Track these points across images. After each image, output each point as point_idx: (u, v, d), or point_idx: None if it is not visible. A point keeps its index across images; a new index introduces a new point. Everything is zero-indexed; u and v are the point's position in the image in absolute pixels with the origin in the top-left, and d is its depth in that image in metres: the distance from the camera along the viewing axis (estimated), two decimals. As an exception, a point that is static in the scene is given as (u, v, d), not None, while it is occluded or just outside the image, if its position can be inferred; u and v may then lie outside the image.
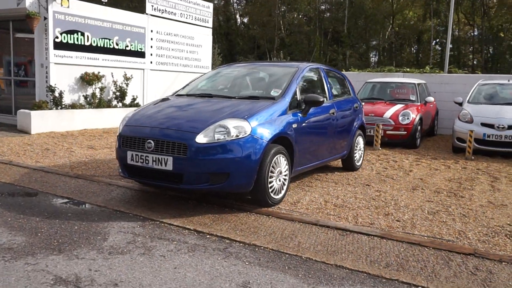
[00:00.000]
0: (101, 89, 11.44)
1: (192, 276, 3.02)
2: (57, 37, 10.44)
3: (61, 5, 10.41)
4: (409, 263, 3.37)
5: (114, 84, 11.84)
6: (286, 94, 5.05)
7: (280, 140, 4.72)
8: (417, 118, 9.55)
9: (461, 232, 4.11)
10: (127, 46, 12.27)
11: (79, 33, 10.94)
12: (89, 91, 11.32)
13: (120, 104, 12.00)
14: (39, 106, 9.94)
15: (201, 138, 4.20)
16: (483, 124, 8.65)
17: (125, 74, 12.02)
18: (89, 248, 3.46)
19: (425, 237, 3.93)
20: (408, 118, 9.42)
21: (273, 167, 4.57)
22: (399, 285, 3.02)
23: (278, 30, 40.02)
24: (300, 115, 5.12)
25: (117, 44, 11.95)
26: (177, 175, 4.25)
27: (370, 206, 4.88)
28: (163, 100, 5.42)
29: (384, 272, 3.20)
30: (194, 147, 4.16)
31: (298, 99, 5.18)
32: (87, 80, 11.06)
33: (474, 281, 3.10)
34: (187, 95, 5.51)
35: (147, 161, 4.33)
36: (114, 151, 7.86)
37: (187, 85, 5.93)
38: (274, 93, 5.15)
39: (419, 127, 9.68)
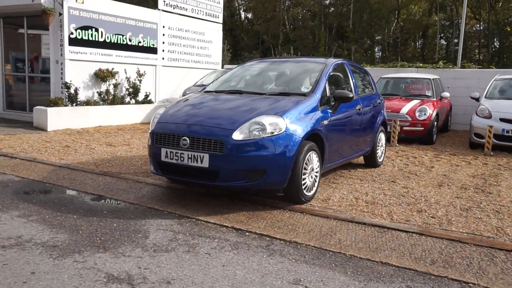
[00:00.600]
0: (115, 85, 11.44)
1: (242, 274, 3.03)
2: (72, 33, 10.43)
3: (76, 1, 10.38)
4: (453, 260, 3.37)
5: (127, 81, 11.83)
6: (317, 90, 5.03)
7: (312, 136, 4.71)
8: (434, 114, 9.52)
9: (499, 228, 4.10)
10: (140, 42, 12.26)
11: (93, 29, 10.93)
12: (103, 87, 11.32)
13: (133, 100, 12.00)
14: (55, 103, 9.94)
15: (237, 135, 4.20)
16: (502, 120, 8.61)
17: (138, 71, 12.01)
18: (132, 245, 3.47)
19: (465, 234, 3.92)
20: (425, 114, 9.39)
21: (306, 163, 4.56)
22: (449, 282, 3.02)
23: (282, 25, 39.93)
24: (330, 111, 5.11)
25: (130, 40, 11.93)
26: (213, 172, 4.24)
27: (402, 203, 4.88)
28: (192, 96, 5.41)
29: (431, 269, 3.20)
30: (231, 144, 4.15)
31: (327, 95, 5.17)
32: (101, 76, 11.06)
33: (523, 278, 3.10)
34: (216, 91, 5.50)
35: (182, 158, 4.32)
36: (133, 148, 7.87)
37: (213, 81, 5.92)
38: (304, 89, 5.14)
39: (435, 123, 9.65)
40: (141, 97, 12.17)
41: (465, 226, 4.15)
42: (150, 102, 12.44)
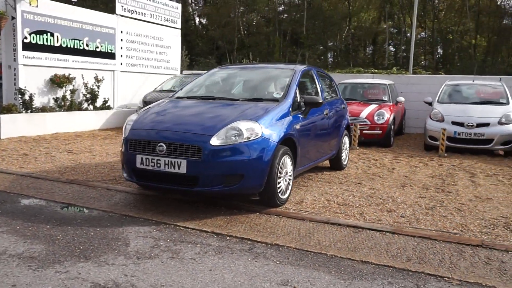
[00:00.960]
0: (72, 91, 11.10)
1: (231, 277, 3.06)
2: (25, 38, 10.03)
3: (30, 4, 10.01)
4: (427, 256, 3.56)
5: (84, 87, 11.52)
6: (288, 96, 5.15)
7: (285, 141, 4.81)
8: (391, 118, 9.94)
9: (463, 225, 4.36)
10: (97, 47, 11.97)
11: (49, 34, 10.58)
12: (59, 93, 10.95)
13: (91, 106, 11.69)
14: (8, 110, 9.51)
15: (214, 141, 4.22)
16: (454, 123, 9.12)
17: (96, 76, 11.71)
18: (114, 254, 3.41)
19: (433, 231, 4.15)
20: (383, 118, 9.78)
21: (281, 167, 4.65)
22: (426, 277, 3.19)
23: (238, 31, 40.13)
24: (301, 116, 5.24)
25: (87, 45, 11.63)
26: (191, 178, 4.24)
27: (371, 204, 5.07)
28: (164, 102, 5.37)
29: (408, 265, 3.37)
30: (209, 150, 4.17)
31: (298, 100, 5.29)
32: (57, 82, 10.70)
33: (491, 270, 3.32)
34: (188, 97, 5.49)
35: (158, 165, 4.29)
36: (95, 155, 7.68)
37: (184, 87, 5.90)
38: (276, 95, 5.25)
39: (392, 126, 10.07)
40: (99, 103, 11.87)
41: (432, 224, 4.38)
42: (108, 108, 12.16)
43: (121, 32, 12.75)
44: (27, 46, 10.09)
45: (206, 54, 38.49)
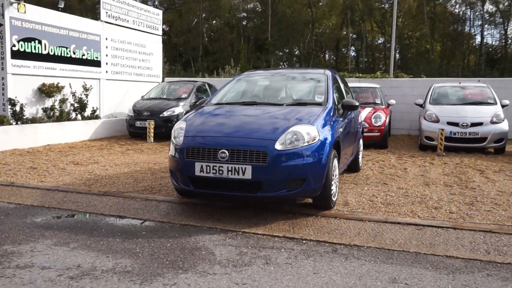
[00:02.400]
0: (62, 101, 10.69)
1: (340, 279, 3.08)
2: (14, 45, 9.58)
3: (18, 11, 9.58)
4: (501, 248, 3.73)
5: (72, 96, 11.12)
6: (329, 100, 5.23)
7: (334, 144, 4.88)
8: (387, 120, 10.25)
9: (513, 218, 4.59)
10: (84, 54, 11.61)
11: (36, 41, 10.15)
12: (47, 103, 10.51)
13: (79, 116, 11.29)
14: (0, 122, 9.02)
15: (278, 145, 4.23)
16: (449, 123, 9.53)
17: (85, 85, 11.35)
18: (207, 263, 3.34)
19: (491, 225, 4.34)
20: (380, 120, 10.06)
21: (333, 170, 4.72)
22: (515, 267, 3.34)
23: (201, 38, 39.99)
24: (340, 119, 5.33)
25: (74, 53, 11.25)
26: (255, 183, 4.22)
27: (414, 202, 5.23)
28: (207, 109, 5.26)
29: (491, 258, 3.51)
30: (274, 155, 4.17)
31: (336, 103, 5.39)
32: (46, 91, 10.29)
33: None
34: (228, 103, 5.44)
35: (221, 172, 4.24)
36: (105, 166, 7.44)
37: (216, 94, 5.82)
38: (317, 99, 5.31)
39: (388, 128, 10.38)
40: (87, 112, 11.49)
41: (485, 218, 4.57)
42: (97, 117, 11.79)
43: (106, 39, 12.43)
44: (16, 54, 9.64)
45: (171, 62, 38.07)
